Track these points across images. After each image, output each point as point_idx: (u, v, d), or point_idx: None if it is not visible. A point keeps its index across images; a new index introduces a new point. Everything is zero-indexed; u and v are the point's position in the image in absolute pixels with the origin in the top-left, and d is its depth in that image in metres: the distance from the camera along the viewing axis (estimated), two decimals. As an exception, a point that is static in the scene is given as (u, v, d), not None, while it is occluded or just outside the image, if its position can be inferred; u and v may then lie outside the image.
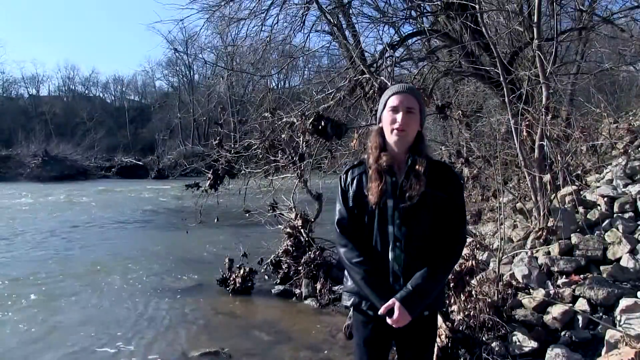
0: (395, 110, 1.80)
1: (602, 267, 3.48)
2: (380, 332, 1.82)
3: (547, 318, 3.17)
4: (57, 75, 70.43)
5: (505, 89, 4.11)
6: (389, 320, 1.70)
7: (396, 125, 1.78)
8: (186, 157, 30.33)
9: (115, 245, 8.35)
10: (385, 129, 1.84)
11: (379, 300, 1.72)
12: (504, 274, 3.66)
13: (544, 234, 3.88)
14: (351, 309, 1.95)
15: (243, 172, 6.36)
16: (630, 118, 6.96)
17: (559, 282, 3.43)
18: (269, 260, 5.81)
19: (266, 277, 5.88)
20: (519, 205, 4.62)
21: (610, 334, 2.73)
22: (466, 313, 3.18)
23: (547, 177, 4.10)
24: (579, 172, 5.14)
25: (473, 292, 3.26)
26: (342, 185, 1.88)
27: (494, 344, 3.00)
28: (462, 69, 6.22)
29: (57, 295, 5.36)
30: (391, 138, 1.80)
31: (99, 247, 8.16)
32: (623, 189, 4.27)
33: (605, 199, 4.16)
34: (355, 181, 1.84)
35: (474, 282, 3.35)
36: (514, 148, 4.30)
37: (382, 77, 5.02)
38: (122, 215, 12.47)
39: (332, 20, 6.47)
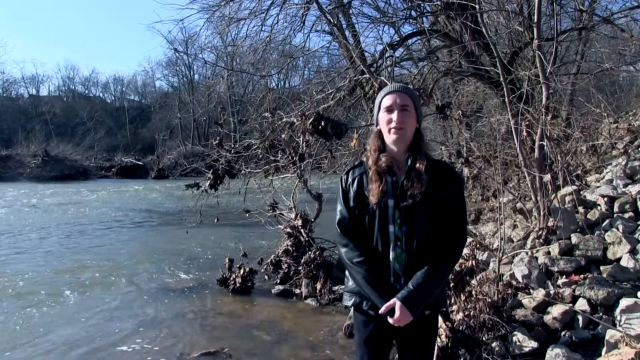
0: (389, 109, 1.81)
1: (602, 267, 3.48)
2: (381, 332, 1.83)
3: (547, 318, 3.17)
4: (57, 75, 70.98)
5: (505, 89, 4.12)
6: (390, 320, 1.70)
7: (393, 124, 1.78)
8: (186, 157, 30.36)
9: (114, 245, 8.35)
10: (383, 130, 1.84)
11: (380, 300, 1.73)
12: (504, 274, 3.66)
13: (544, 234, 3.88)
14: (352, 309, 1.95)
15: (243, 172, 6.36)
16: (630, 118, 6.97)
17: (559, 282, 3.43)
18: (269, 260, 5.80)
19: (266, 277, 5.88)
20: (519, 205, 4.62)
21: (610, 334, 2.73)
22: (466, 313, 3.18)
23: (547, 177, 4.10)
24: (579, 172, 5.14)
25: (473, 292, 3.26)
26: (343, 185, 1.89)
27: (494, 344, 3.00)
28: (462, 69, 6.23)
29: (54, 295, 5.35)
30: (389, 138, 1.81)
31: (98, 247, 8.15)
32: (623, 189, 4.27)
33: (605, 199, 4.17)
34: (356, 181, 1.85)
35: (474, 282, 3.35)
36: (514, 148, 4.30)
37: (382, 77, 5.02)
38: (121, 215, 12.47)
39: (332, 20, 6.47)
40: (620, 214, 3.95)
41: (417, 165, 1.76)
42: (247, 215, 6.47)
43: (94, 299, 5.25)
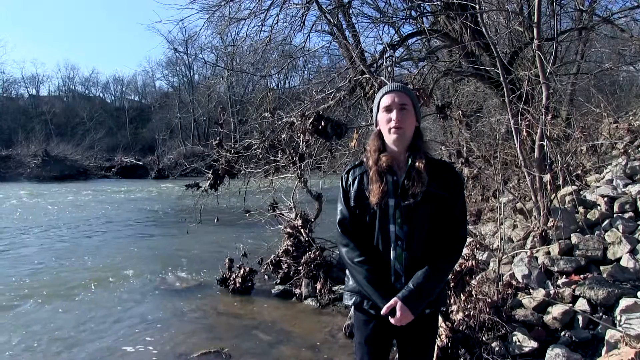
0: (388, 109, 1.81)
1: (602, 267, 3.48)
2: (382, 331, 1.83)
3: (547, 318, 3.17)
4: (57, 75, 71.01)
5: (505, 89, 4.11)
6: (391, 320, 1.71)
7: (392, 124, 1.79)
8: (186, 157, 30.35)
9: (114, 245, 8.35)
10: (382, 130, 1.85)
11: (381, 300, 1.73)
12: (504, 274, 3.66)
13: (544, 234, 3.88)
14: (352, 309, 1.95)
15: (243, 172, 6.35)
16: (630, 118, 6.96)
17: (559, 282, 3.43)
18: (269, 260, 5.80)
19: (266, 277, 5.88)
20: (519, 205, 4.62)
21: (610, 334, 2.73)
22: (466, 313, 3.18)
23: (547, 177, 4.10)
24: (579, 172, 5.14)
25: (473, 292, 3.25)
26: (344, 185, 1.89)
27: (494, 344, 3.00)
28: (462, 69, 6.23)
29: (55, 296, 5.35)
30: (389, 138, 1.81)
31: (98, 247, 8.15)
32: (623, 189, 4.27)
33: (605, 199, 4.16)
34: (356, 181, 1.85)
35: (474, 282, 3.35)
36: (514, 148, 4.30)
37: (382, 77, 5.02)
38: (121, 215, 12.47)
39: (332, 20, 6.46)
40: (620, 214, 3.94)
41: (417, 164, 1.76)
42: (247, 215, 6.47)
43: (94, 299, 5.25)
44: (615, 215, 3.96)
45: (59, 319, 4.62)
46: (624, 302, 2.95)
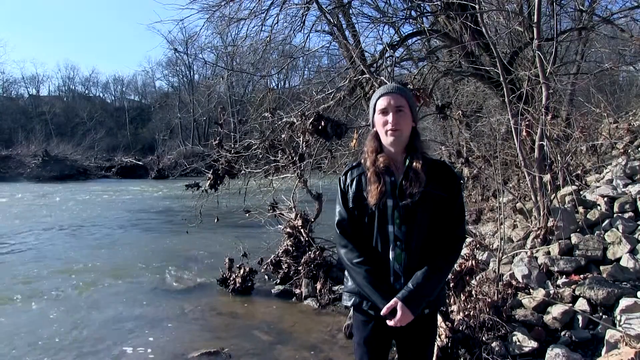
0: (384, 112, 1.81)
1: (602, 267, 3.48)
2: (381, 332, 1.83)
3: (547, 318, 3.17)
4: (57, 75, 71.29)
5: (505, 89, 4.11)
6: (392, 322, 1.70)
7: (389, 127, 1.79)
8: (186, 157, 30.37)
9: (114, 245, 8.35)
10: (379, 132, 1.85)
11: (381, 301, 1.73)
12: (504, 274, 3.66)
13: (544, 234, 3.88)
14: (351, 309, 1.96)
15: (243, 172, 6.35)
16: (630, 118, 6.95)
17: (559, 282, 3.44)
18: (269, 260, 5.80)
19: (266, 277, 5.88)
20: (519, 205, 4.62)
21: (610, 334, 2.73)
22: (466, 313, 3.18)
23: (547, 177, 4.10)
24: (579, 172, 5.14)
25: (473, 292, 3.26)
26: (342, 186, 1.89)
27: (494, 344, 3.00)
28: (462, 69, 6.22)
29: (54, 295, 5.35)
30: (386, 140, 1.81)
31: (97, 247, 8.15)
32: (623, 189, 4.27)
33: (605, 199, 4.16)
34: (354, 182, 1.85)
35: (474, 282, 3.35)
36: (514, 148, 4.30)
37: (382, 77, 5.02)
38: (121, 215, 12.47)
39: (332, 20, 6.46)
40: (620, 214, 3.95)
41: (415, 164, 1.76)
42: (247, 215, 6.46)
43: (94, 299, 5.25)
44: (615, 215, 3.96)
45: (58, 318, 4.62)
46: (624, 302, 2.95)
